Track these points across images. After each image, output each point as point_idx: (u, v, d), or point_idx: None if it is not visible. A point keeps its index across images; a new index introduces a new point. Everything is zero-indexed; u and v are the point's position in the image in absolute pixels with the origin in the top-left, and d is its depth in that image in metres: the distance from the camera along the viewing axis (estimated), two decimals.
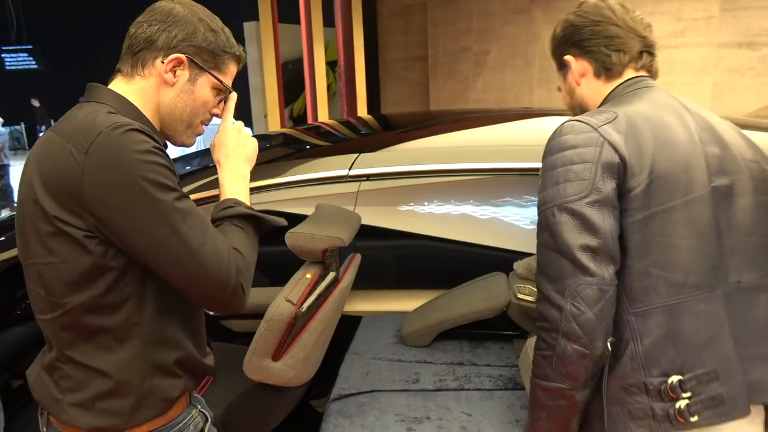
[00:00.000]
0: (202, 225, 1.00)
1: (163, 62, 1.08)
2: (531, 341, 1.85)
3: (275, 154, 2.30)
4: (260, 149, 2.61)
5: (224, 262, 0.99)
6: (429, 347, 2.74)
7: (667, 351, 0.99)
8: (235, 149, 1.21)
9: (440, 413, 2.27)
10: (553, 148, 1.07)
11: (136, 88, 1.10)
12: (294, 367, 1.80)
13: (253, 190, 1.88)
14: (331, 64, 7.90)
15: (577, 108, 1.27)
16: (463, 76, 6.57)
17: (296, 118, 9.25)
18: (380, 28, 7.79)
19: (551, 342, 1.01)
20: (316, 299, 1.78)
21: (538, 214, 1.06)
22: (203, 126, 1.18)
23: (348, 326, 2.08)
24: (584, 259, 0.97)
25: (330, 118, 6.75)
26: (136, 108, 1.09)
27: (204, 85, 1.13)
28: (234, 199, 1.14)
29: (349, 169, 1.68)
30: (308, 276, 1.79)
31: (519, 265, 2.33)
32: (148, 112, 1.10)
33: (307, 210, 3.22)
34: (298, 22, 7.23)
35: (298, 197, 3.27)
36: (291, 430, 2.07)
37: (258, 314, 2.72)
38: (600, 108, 1.16)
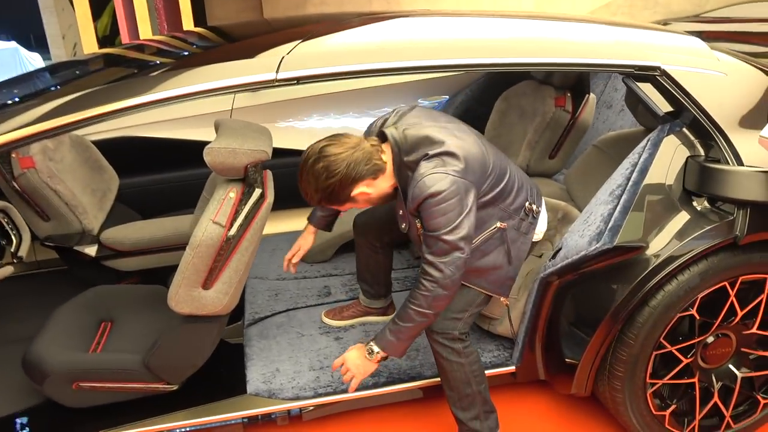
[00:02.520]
0: None
1: None
2: None
3: (124, 72, 1.81)
4: (81, 74, 2.00)
5: None
6: (331, 261, 2.74)
7: (519, 200, 1.78)
8: None
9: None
10: (435, 197, 1.53)
11: None
12: (228, 293, 1.68)
13: (120, 112, 1.58)
14: None
15: (385, 196, 1.72)
16: None
17: (103, 39, 8.11)
18: None
19: (431, 288, 1.57)
20: (245, 218, 1.65)
21: (434, 234, 1.56)
22: None
23: None
24: (461, 244, 1.55)
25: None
26: None
27: None
28: None
29: (277, 72, 1.52)
30: (232, 195, 1.64)
31: None
32: None
33: (172, 134, 2.94)
34: None
35: (159, 120, 2.94)
36: (209, 365, 1.93)
37: (144, 251, 2.47)
38: (428, 156, 1.58)
